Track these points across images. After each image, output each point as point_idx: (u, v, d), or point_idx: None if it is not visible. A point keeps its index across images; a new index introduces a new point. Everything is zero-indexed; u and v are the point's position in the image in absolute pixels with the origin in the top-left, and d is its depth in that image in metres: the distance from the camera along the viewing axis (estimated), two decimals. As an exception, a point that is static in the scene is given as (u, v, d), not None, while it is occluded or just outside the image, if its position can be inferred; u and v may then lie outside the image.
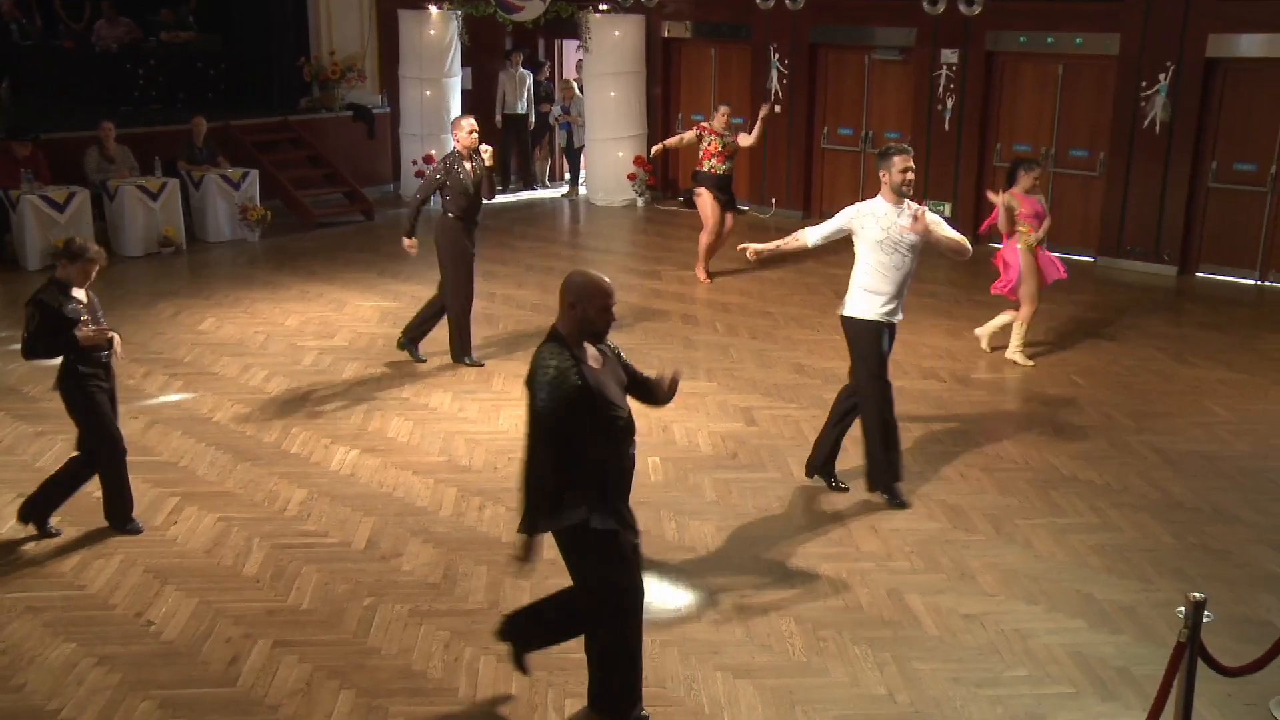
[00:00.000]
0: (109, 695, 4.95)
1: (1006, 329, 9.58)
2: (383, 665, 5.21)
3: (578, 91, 16.86)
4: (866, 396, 6.77)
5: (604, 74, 15.92)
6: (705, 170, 11.85)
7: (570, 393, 4.33)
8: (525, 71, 17.00)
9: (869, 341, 6.67)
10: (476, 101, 17.13)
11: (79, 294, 6.32)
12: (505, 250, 13.33)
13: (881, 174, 6.64)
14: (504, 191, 17.31)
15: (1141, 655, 5.29)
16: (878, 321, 6.65)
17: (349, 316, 10.72)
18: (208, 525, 6.54)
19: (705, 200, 11.81)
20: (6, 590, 5.78)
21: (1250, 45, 11.77)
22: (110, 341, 6.33)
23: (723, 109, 12.00)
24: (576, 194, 17.13)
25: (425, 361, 9.33)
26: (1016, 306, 9.41)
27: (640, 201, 16.26)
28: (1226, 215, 12.30)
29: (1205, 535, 6.51)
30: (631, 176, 16.13)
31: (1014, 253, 9.29)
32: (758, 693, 5.01)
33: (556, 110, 17.14)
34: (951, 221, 7.43)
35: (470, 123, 9.08)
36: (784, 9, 14.86)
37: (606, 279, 4.50)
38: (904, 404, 8.44)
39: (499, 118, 16.99)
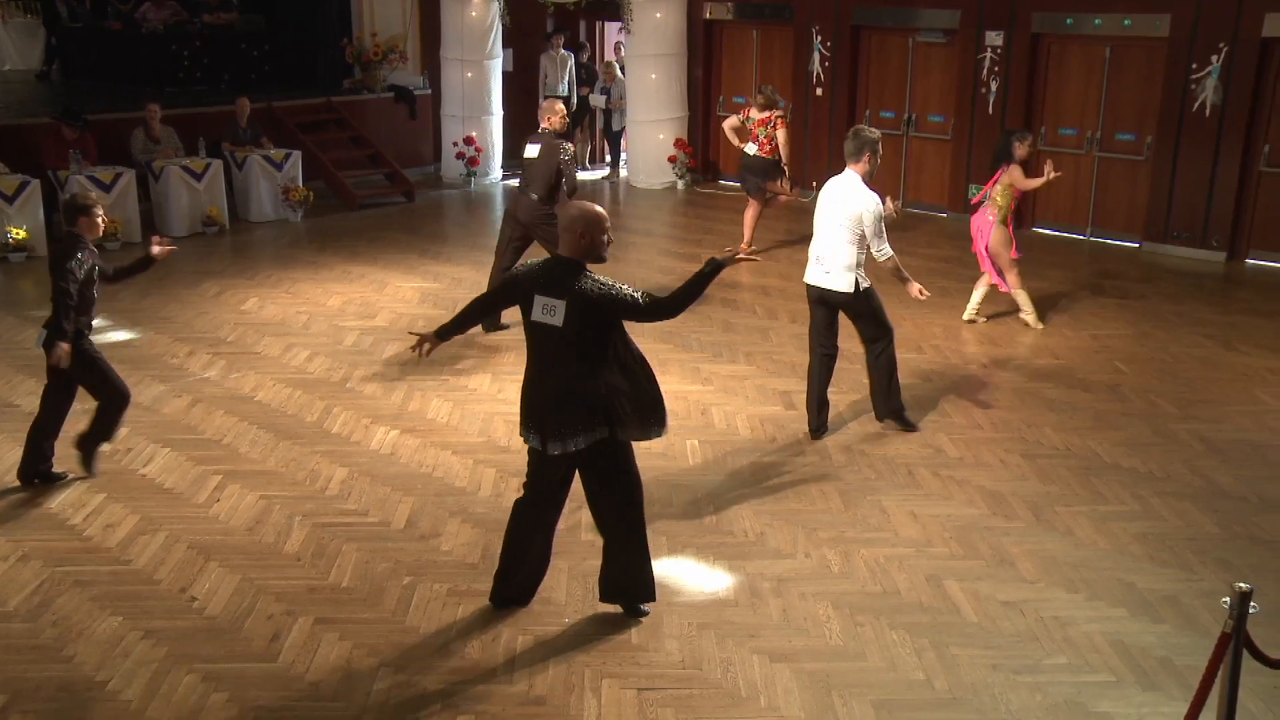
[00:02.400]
0: (155, 668, 5.03)
1: (988, 299, 9.98)
2: (421, 644, 5.25)
3: (619, 73, 16.83)
4: (887, 342, 7.48)
5: (645, 56, 15.88)
6: (756, 154, 11.87)
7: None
8: (567, 53, 16.98)
9: (877, 301, 7.44)
10: (518, 84, 17.16)
11: (93, 249, 6.70)
12: (545, 232, 13.34)
13: (872, 158, 7.24)
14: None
15: (1184, 645, 5.23)
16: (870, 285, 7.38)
17: (390, 297, 10.78)
18: (250, 503, 6.62)
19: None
20: (57, 565, 5.89)
21: (1306, 25, 11.53)
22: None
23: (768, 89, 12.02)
24: (618, 176, 17.12)
25: (509, 328, 9.40)
26: (984, 277, 9.88)
27: (680, 184, 16.22)
28: (1278, 200, 12.08)
29: (1252, 525, 6.43)
30: (672, 159, 16.09)
31: (986, 224, 9.52)
32: (794, 676, 5.00)
33: (597, 93, 17.11)
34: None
35: (561, 106, 9.47)
36: (827, -10, 14.76)
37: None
38: (944, 389, 8.40)
39: (542, 100, 16.98)
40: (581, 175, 17.39)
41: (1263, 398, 8.37)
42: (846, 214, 7.16)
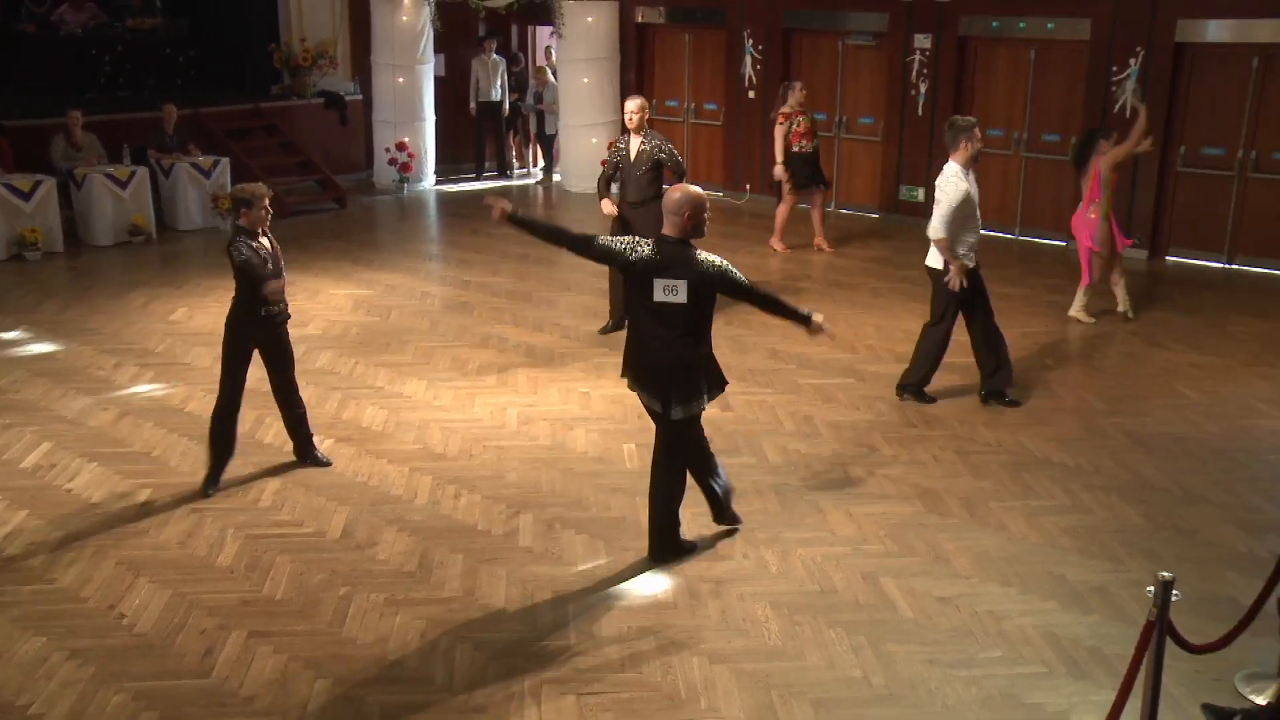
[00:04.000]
0: (81, 689, 4.92)
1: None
2: (359, 655, 5.20)
3: (551, 78, 16.81)
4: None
5: (577, 60, 15.88)
6: (796, 151, 12.03)
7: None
8: (498, 58, 16.93)
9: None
10: (450, 88, 17.07)
11: (264, 240, 6.67)
12: (480, 238, 13.29)
13: (968, 145, 7.73)
14: (478, 179, 17.26)
15: (1112, 634, 5.34)
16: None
17: (323, 305, 10.67)
18: (180, 516, 6.50)
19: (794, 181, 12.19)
20: (-23, 584, 5.74)
21: (1218, 31, 11.85)
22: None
23: (797, 85, 12.27)
24: (550, 180, 17.09)
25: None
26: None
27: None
28: (1195, 199, 12.39)
29: (1175, 516, 6.58)
30: (604, 163, 16.05)
31: (1089, 221, 9.91)
32: (734, 677, 5.03)
33: (529, 98, 17.08)
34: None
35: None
36: (758, -6, 14.86)
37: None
38: (877, 388, 8.50)
39: (473, 105, 16.93)
40: (515, 180, 17.37)
41: (1185, 392, 8.57)
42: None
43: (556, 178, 16.97)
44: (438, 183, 16.67)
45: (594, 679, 5.01)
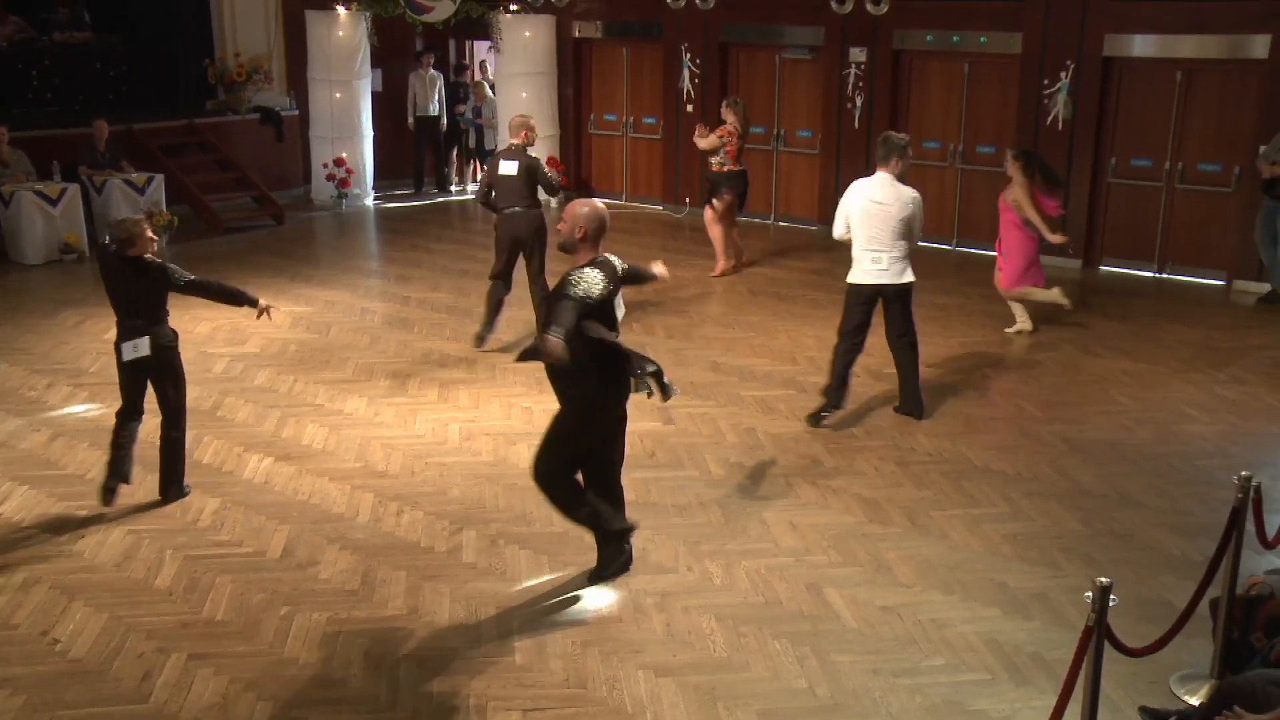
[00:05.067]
0: (11, 718, 4.80)
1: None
2: (301, 675, 5.13)
3: (489, 92, 16.78)
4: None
5: (515, 74, 15.88)
6: (724, 171, 11.93)
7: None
8: (436, 73, 16.87)
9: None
10: (387, 104, 16.97)
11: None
12: (420, 253, 13.22)
13: (900, 161, 7.83)
14: (416, 194, 17.17)
15: (1053, 640, 5.41)
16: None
17: (261, 323, 10.42)
18: (117, 538, 6.38)
19: (729, 200, 11.99)
20: (-97, 612, 5.58)
21: (1144, 45, 12.13)
22: None
23: (738, 101, 12.13)
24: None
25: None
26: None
27: (554, 203, 16.21)
28: (1126, 209, 12.66)
29: (1112, 521, 6.69)
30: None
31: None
32: (680, 690, 5.03)
33: (468, 112, 17.03)
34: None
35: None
36: (695, 8, 14.95)
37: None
38: (818, 399, 8.55)
39: (411, 120, 16.85)
40: (455, 196, 17.30)
41: (1118, 398, 8.74)
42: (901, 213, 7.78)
43: (496, 193, 16.91)
44: (376, 198, 16.55)
45: (539, 695, 4.99)
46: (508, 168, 9.45)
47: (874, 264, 7.87)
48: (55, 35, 17.06)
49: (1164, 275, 12.52)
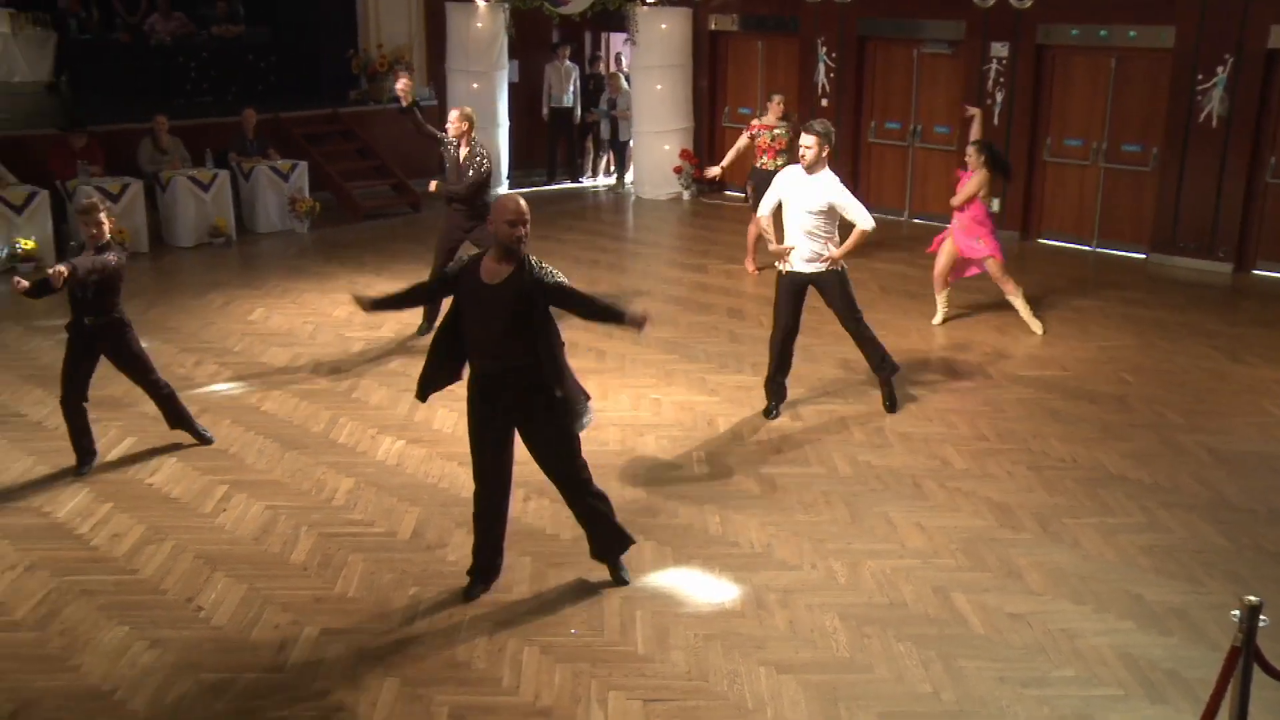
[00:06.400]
0: (161, 678, 5.04)
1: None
2: (427, 654, 5.25)
3: (625, 84, 16.86)
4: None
5: (651, 67, 15.91)
6: (759, 166, 11.81)
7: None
8: (572, 65, 17.02)
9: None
10: (523, 94, 17.20)
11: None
12: (551, 243, 13.36)
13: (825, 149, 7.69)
14: (551, 184, 17.37)
15: (1193, 658, 5.22)
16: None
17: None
18: (256, 513, 6.62)
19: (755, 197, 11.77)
20: (64, 574, 5.89)
21: (1312, 36, 11.54)
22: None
23: (776, 99, 11.97)
24: (623, 187, 17.14)
25: None
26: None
27: (686, 195, 16.24)
28: (1282, 211, 12.08)
29: (1259, 537, 6.41)
30: (677, 170, 16.12)
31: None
32: (801, 688, 5.00)
33: (603, 104, 17.15)
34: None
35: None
36: (832, 3, 14.77)
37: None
38: (950, 400, 8.40)
39: (546, 111, 17.04)
40: (587, 186, 17.44)
41: (1270, 409, 8.36)
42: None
43: (629, 184, 17.01)
44: (510, 188, 16.79)
45: (660, 685, 5.01)
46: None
47: None
48: (213, 29, 17.82)
49: (1322, 282, 11.92)
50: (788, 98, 14.64)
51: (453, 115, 9.61)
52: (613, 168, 17.65)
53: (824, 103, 15.08)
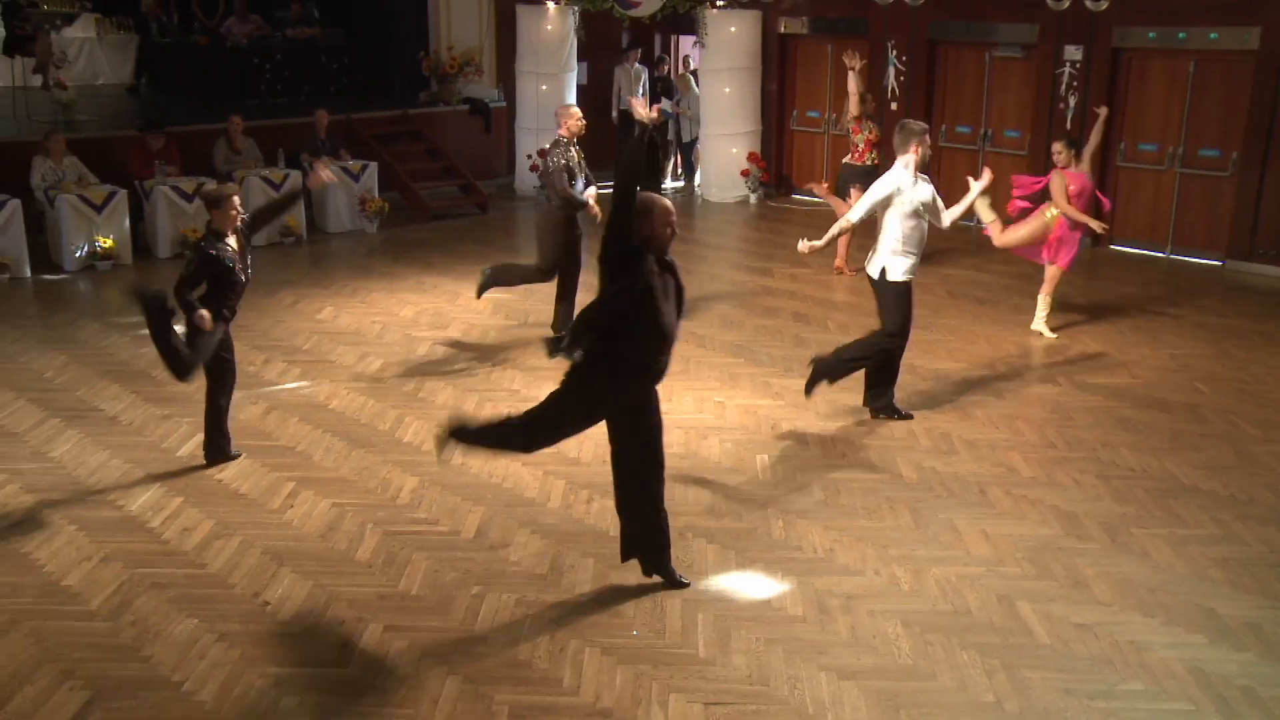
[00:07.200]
0: (228, 670, 5.13)
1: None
2: (489, 653, 5.29)
3: (694, 86, 16.86)
4: (890, 341, 7.87)
5: (720, 69, 15.90)
6: (856, 163, 11.86)
7: None
8: (641, 67, 17.06)
9: (906, 299, 7.78)
10: (592, 97, 17.26)
11: (231, 241, 7.14)
12: (616, 245, 13.39)
13: (913, 148, 7.59)
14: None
15: (1269, 675, 5.09)
16: (908, 281, 7.76)
17: (462, 309, 10.89)
18: (323, 510, 6.72)
19: (854, 196, 11.71)
20: (135, 566, 6.03)
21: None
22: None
23: (868, 97, 11.98)
24: (691, 188, 17.13)
25: None
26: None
27: (753, 198, 16.20)
28: (1368, 218, 11.75)
29: (1337, 552, 6.25)
30: (745, 173, 16.08)
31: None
32: (862, 694, 4.96)
33: (666, 105, 17.15)
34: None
35: (578, 110, 9.78)
36: (903, 5, 14.63)
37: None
38: (1017, 406, 8.29)
39: (615, 113, 17.09)
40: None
41: (1351, 421, 8.14)
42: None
43: (697, 187, 17.00)
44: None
45: (721, 689, 5.00)
46: None
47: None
48: (287, 31, 18.15)
49: None
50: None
51: (576, 112, 9.78)
52: (679, 170, 17.65)
53: (893, 106, 14.95)
